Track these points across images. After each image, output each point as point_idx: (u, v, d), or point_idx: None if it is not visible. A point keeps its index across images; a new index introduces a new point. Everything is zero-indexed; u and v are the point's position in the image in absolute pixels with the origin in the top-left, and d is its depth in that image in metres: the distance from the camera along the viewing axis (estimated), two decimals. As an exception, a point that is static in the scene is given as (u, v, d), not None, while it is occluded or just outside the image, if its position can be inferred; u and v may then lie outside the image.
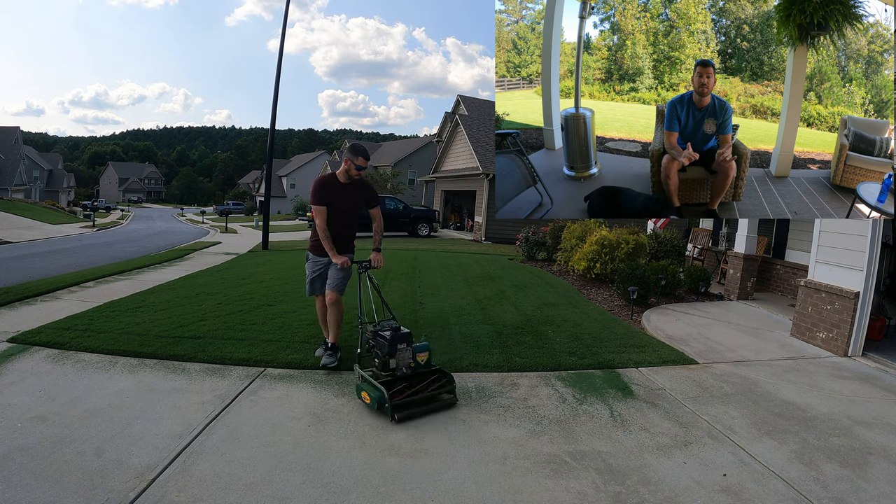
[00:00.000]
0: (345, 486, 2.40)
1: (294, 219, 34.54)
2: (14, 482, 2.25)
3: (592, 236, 8.18)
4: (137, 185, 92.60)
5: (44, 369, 3.65)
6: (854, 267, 4.98)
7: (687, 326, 5.80)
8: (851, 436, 3.17)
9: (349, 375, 3.79)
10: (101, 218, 33.77)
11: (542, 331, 5.18)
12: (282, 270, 9.00)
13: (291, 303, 5.98)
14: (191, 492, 2.28)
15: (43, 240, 16.59)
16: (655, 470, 2.67)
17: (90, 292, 6.46)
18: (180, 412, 3.06)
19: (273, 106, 13.31)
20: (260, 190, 53.80)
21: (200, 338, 4.45)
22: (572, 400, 3.56)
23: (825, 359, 4.85)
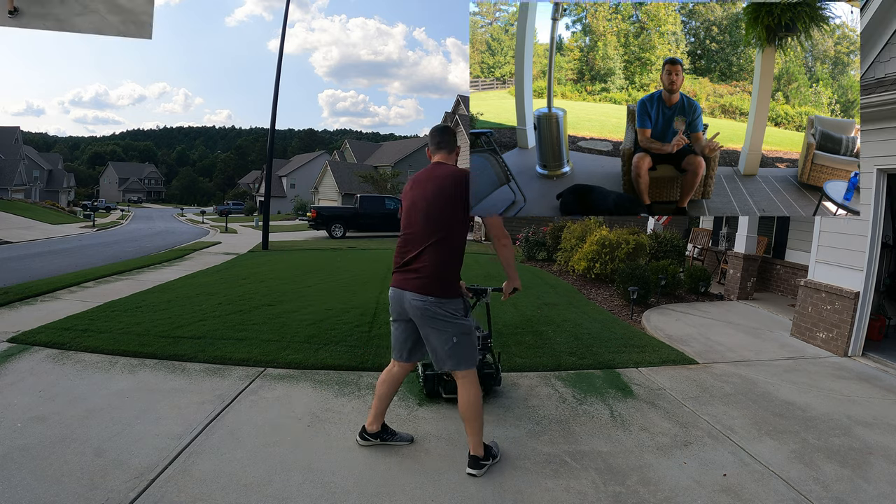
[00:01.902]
0: (345, 486, 2.40)
1: (294, 219, 34.55)
2: (14, 482, 2.25)
3: (592, 236, 8.18)
4: (137, 185, 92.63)
5: (44, 369, 3.64)
6: (854, 267, 4.98)
7: (687, 326, 5.80)
8: (851, 436, 3.17)
9: (349, 375, 3.79)
10: (101, 218, 33.78)
11: (542, 331, 5.18)
12: (282, 270, 9.01)
13: (291, 303, 5.98)
14: (191, 492, 2.28)
15: (43, 240, 16.59)
16: (655, 470, 2.67)
17: (90, 292, 6.46)
18: (180, 412, 3.06)
19: (273, 106, 13.31)
20: (260, 190, 53.81)
21: (200, 338, 4.45)
22: (572, 400, 3.56)
23: (825, 359, 4.85)
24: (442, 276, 2.44)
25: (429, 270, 2.42)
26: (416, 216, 2.50)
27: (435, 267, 2.43)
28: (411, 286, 2.44)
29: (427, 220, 2.46)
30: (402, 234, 2.57)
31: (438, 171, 2.56)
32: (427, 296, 2.41)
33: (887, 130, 4.71)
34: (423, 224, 2.47)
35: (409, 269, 2.48)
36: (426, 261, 2.43)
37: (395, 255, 2.59)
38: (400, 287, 2.50)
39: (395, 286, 2.54)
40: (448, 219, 2.45)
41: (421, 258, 2.44)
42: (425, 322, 2.45)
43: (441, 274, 2.44)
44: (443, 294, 2.43)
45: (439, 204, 2.46)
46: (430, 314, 2.42)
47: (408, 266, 2.49)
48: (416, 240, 2.48)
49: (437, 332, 2.45)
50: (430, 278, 2.42)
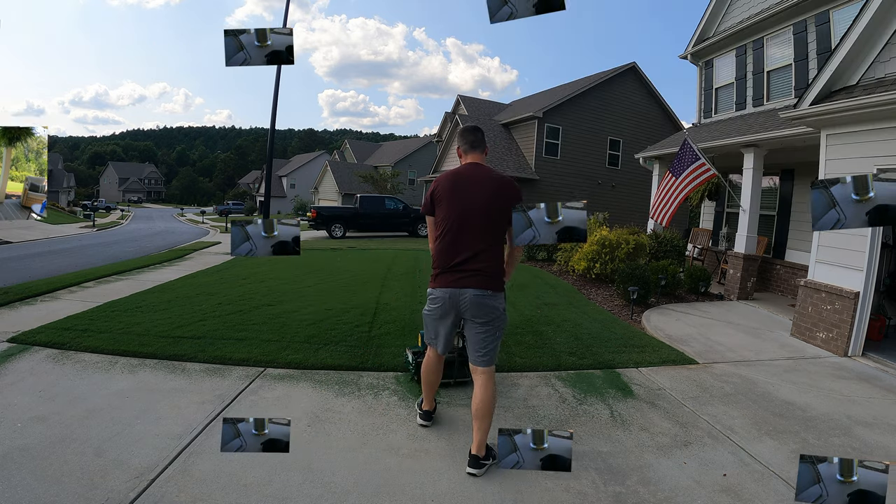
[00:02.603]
0: (345, 486, 2.40)
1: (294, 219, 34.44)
2: (14, 482, 2.25)
3: (592, 236, 8.18)
4: (137, 185, 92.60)
5: (44, 369, 3.64)
6: (854, 267, 4.98)
7: (687, 326, 5.80)
8: (851, 436, 3.17)
9: (349, 375, 3.80)
10: (101, 218, 33.76)
11: (542, 331, 5.18)
12: (282, 270, 9.00)
13: (291, 303, 5.98)
14: (191, 492, 2.28)
15: (43, 240, 16.58)
16: (655, 470, 2.67)
17: (90, 292, 6.46)
18: (180, 412, 3.06)
19: (273, 106, 13.31)
20: (260, 190, 53.81)
21: (200, 338, 4.45)
22: (572, 400, 3.56)
23: (825, 359, 4.85)
24: (498, 273, 2.63)
25: (491, 269, 2.59)
26: (474, 219, 2.57)
27: (496, 265, 2.61)
28: (472, 283, 2.56)
29: (487, 222, 2.57)
30: (453, 232, 2.60)
31: (487, 173, 2.66)
32: (487, 290, 2.57)
33: (887, 130, 4.70)
34: (482, 226, 2.57)
35: (466, 268, 2.57)
36: (487, 260, 2.57)
37: (442, 256, 2.63)
38: (456, 286, 2.59)
39: (448, 286, 2.61)
40: (504, 222, 2.59)
41: (480, 258, 2.56)
42: (479, 314, 2.59)
43: (498, 272, 2.63)
44: (499, 289, 2.62)
45: (499, 208, 2.56)
46: (488, 307, 2.58)
47: (463, 265, 2.58)
48: (473, 241, 2.57)
49: (487, 327, 2.61)
50: (491, 276, 2.59)
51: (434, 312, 2.71)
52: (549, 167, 19.55)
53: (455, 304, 2.61)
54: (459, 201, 2.60)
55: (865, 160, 4.92)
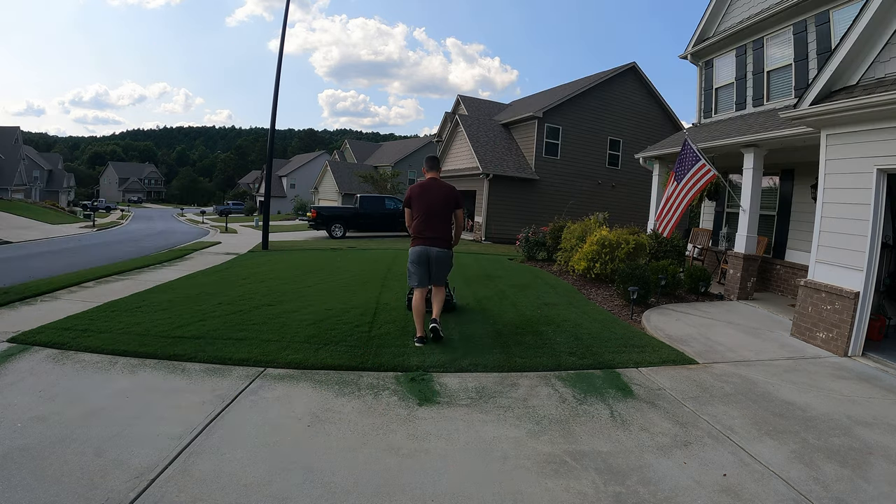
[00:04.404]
0: (345, 486, 2.40)
1: (294, 218, 34.55)
2: (14, 482, 2.25)
3: (592, 236, 8.18)
4: (137, 185, 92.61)
5: (44, 369, 3.64)
6: (854, 267, 4.98)
7: (687, 326, 5.79)
8: (851, 436, 3.17)
9: (349, 375, 3.80)
10: (101, 218, 33.77)
11: (542, 331, 5.18)
12: (282, 270, 9.00)
13: (291, 303, 5.98)
14: (191, 492, 2.28)
15: (43, 240, 16.58)
16: (655, 470, 2.67)
17: (90, 292, 6.46)
18: (180, 412, 3.06)
19: (273, 106, 13.30)
20: (260, 190, 53.80)
21: (200, 338, 4.45)
22: (572, 400, 3.56)
23: (825, 359, 4.85)
24: (449, 240, 4.76)
25: (447, 237, 4.73)
26: (436, 209, 4.66)
27: (448, 236, 4.75)
28: (436, 244, 4.63)
29: (444, 210, 4.69)
30: (422, 218, 4.65)
31: (441, 184, 4.78)
32: (444, 249, 4.69)
33: (887, 130, 4.70)
34: (441, 213, 4.67)
35: (432, 237, 4.63)
36: (444, 232, 4.70)
37: (417, 229, 4.66)
38: (427, 245, 4.62)
39: (421, 245, 4.63)
40: (451, 210, 4.75)
41: (439, 230, 4.66)
42: (440, 262, 4.67)
43: (449, 239, 4.76)
44: (449, 248, 4.78)
45: (449, 203, 4.73)
46: (445, 256, 4.71)
47: (429, 235, 4.63)
48: (436, 222, 4.65)
49: (444, 267, 4.76)
50: (447, 241, 4.73)
51: (416, 260, 4.64)
52: (550, 167, 19.54)
53: (427, 255, 4.62)
54: (426, 201, 4.67)
55: (865, 160, 4.92)
